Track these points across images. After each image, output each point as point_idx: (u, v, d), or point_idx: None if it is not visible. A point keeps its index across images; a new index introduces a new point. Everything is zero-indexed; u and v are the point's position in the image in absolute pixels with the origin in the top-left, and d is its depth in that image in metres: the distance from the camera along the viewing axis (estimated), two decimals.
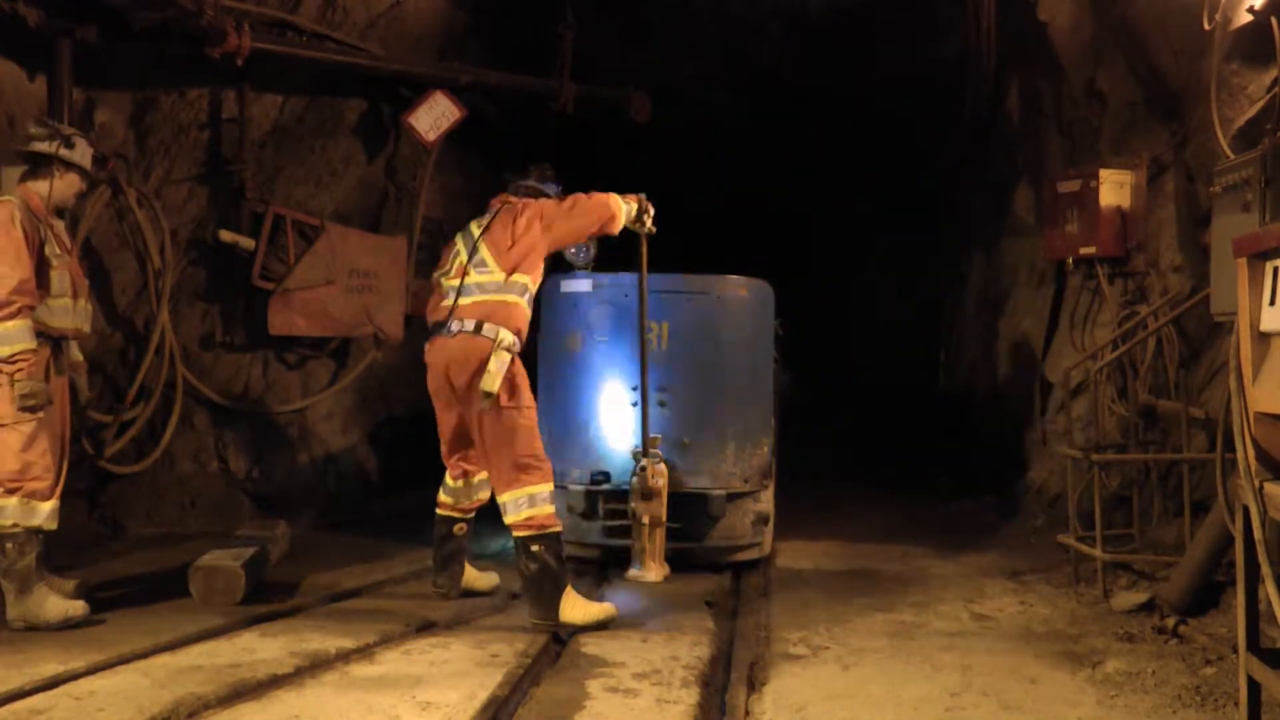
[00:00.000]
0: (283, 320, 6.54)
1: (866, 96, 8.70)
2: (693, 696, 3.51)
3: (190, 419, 6.39)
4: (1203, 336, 5.29)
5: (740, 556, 5.56)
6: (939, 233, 9.62)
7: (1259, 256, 2.81)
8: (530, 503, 4.40)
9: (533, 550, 4.38)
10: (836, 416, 11.26)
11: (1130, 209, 5.85)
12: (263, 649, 3.90)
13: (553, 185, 4.96)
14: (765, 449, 5.62)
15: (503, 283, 4.54)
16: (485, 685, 3.54)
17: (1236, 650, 3.02)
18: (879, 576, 5.43)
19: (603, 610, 4.42)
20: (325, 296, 6.67)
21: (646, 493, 5.17)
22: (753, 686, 3.68)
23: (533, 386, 5.20)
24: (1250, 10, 4.36)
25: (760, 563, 5.65)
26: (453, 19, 7.38)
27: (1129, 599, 4.59)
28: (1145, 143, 5.83)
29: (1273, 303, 2.72)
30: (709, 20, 8.31)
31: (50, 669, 3.59)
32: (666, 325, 5.49)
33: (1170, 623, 4.17)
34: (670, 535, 5.33)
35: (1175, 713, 3.40)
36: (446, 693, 3.49)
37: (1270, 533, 2.74)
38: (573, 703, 3.44)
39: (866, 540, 6.38)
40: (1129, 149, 5.95)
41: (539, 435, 4.55)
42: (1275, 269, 2.73)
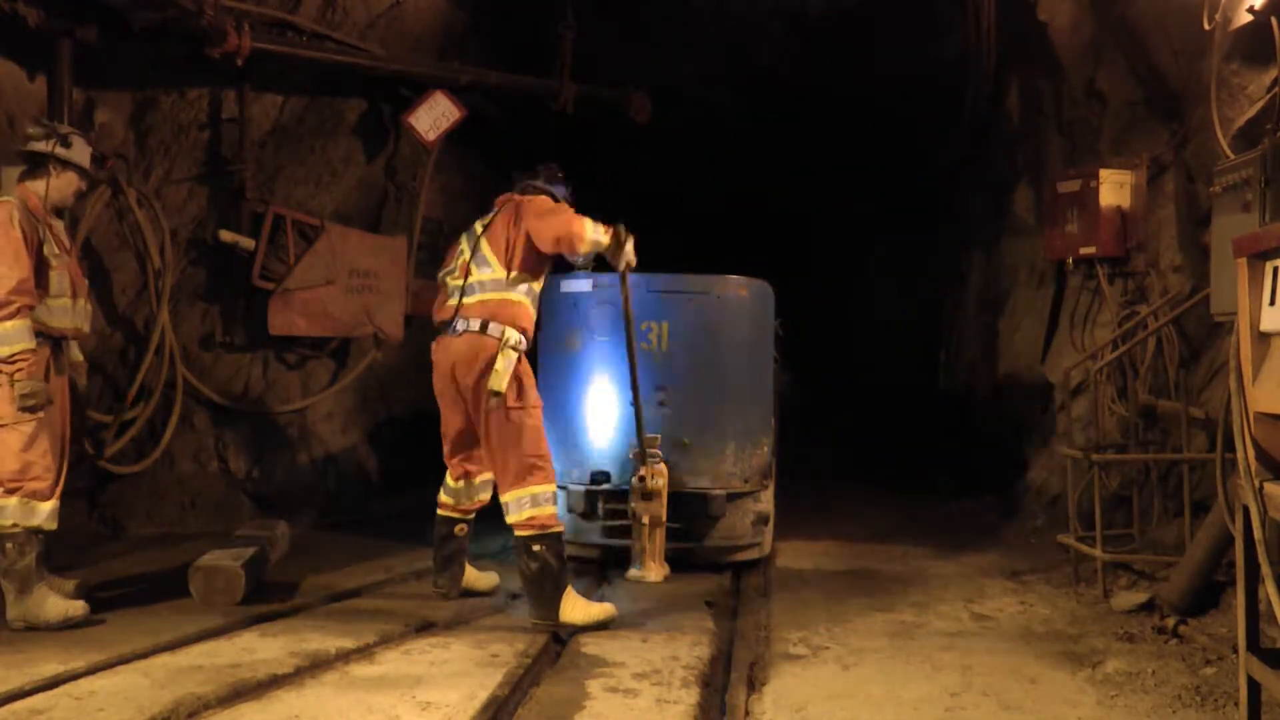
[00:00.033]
0: (283, 320, 6.54)
1: (866, 96, 8.70)
2: (693, 696, 3.51)
3: (190, 419, 6.39)
4: (1203, 336, 5.29)
5: (740, 556, 5.56)
6: (939, 233, 9.62)
7: (1259, 256, 2.81)
8: (533, 503, 4.40)
9: (534, 550, 4.38)
10: (836, 416, 11.27)
11: (1130, 209, 5.86)
12: (263, 649, 3.90)
13: (561, 186, 4.86)
14: (765, 449, 5.62)
15: (505, 281, 4.54)
16: (485, 685, 3.54)
17: (1236, 650, 3.02)
18: (879, 576, 5.43)
19: (603, 610, 4.42)
20: (325, 296, 6.67)
21: (646, 493, 5.18)
22: (753, 686, 3.68)
23: None
24: (1250, 10, 4.36)
25: (760, 563, 5.66)
26: (453, 19, 7.38)
27: (1129, 599, 4.59)
28: (1145, 143, 5.83)
29: (1273, 303, 2.72)
30: (709, 20, 8.31)
31: (50, 669, 3.59)
32: (666, 325, 5.49)
33: (1170, 623, 4.18)
34: (670, 535, 5.33)
35: (1175, 713, 3.40)
36: (446, 693, 3.49)
37: (1270, 533, 2.74)
38: (573, 703, 3.44)
39: (866, 540, 6.39)
40: (1129, 149, 5.94)
41: (545, 435, 4.55)
42: (1275, 269, 2.73)
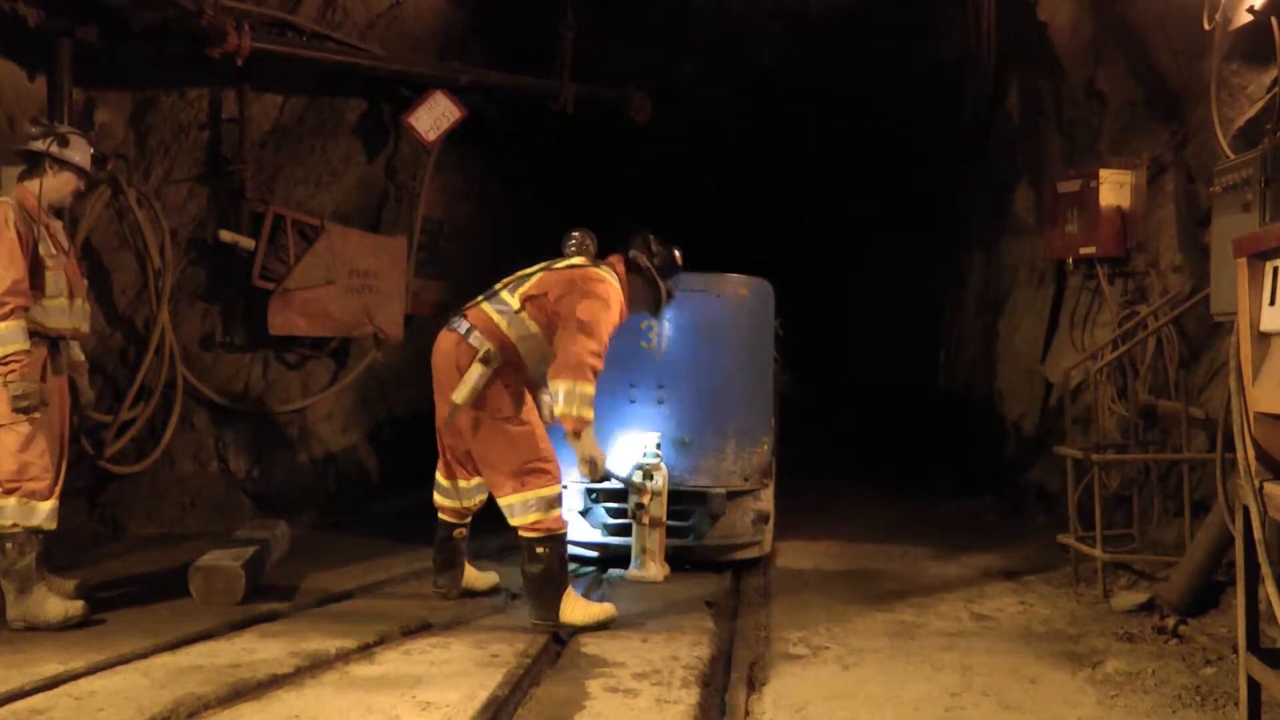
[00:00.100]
0: (283, 320, 6.53)
1: (866, 96, 8.70)
2: (693, 696, 3.51)
3: (190, 419, 6.39)
4: (1203, 336, 5.29)
5: (740, 555, 5.56)
6: (939, 233, 9.62)
7: (1259, 256, 2.81)
8: (540, 506, 4.37)
9: (538, 552, 4.37)
10: (836, 416, 11.27)
11: (1130, 209, 5.86)
12: (263, 649, 3.90)
13: (674, 278, 4.71)
14: (765, 448, 5.62)
15: (514, 312, 4.50)
16: (485, 685, 3.54)
17: (1236, 650, 3.02)
18: (879, 576, 5.43)
19: (603, 610, 4.41)
20: (325, 296, 6.67)
21: (644, 503, 5.17)
22: (753, 686, 3.68)
23: None
24: (1250, 10, 4.37)
25: (760, 562, 5.66)
26: (453, 19, 7.38)
27: (1129, 599, 4.59)
28: (1145, 143, 5.83)
29: (1273, 303, 2.72)
30: (709, 20, 8.31)
31: (50, 669, 3.59)
32: (666, 324, 5.49)
33: (1170, 623, 4.18)
34: (670, 534, 5.34)
35: (1175, 713, 3.40)
36: (446, 693, 3.48)
37: (1270, 533, 2.74)
38: (573, 703, 3.44)
39: (866, 540, 6.39)
40: (1129, 149, 5.95)
41: (544, 437, 4.51)
42: (1275, 269, 2.73)
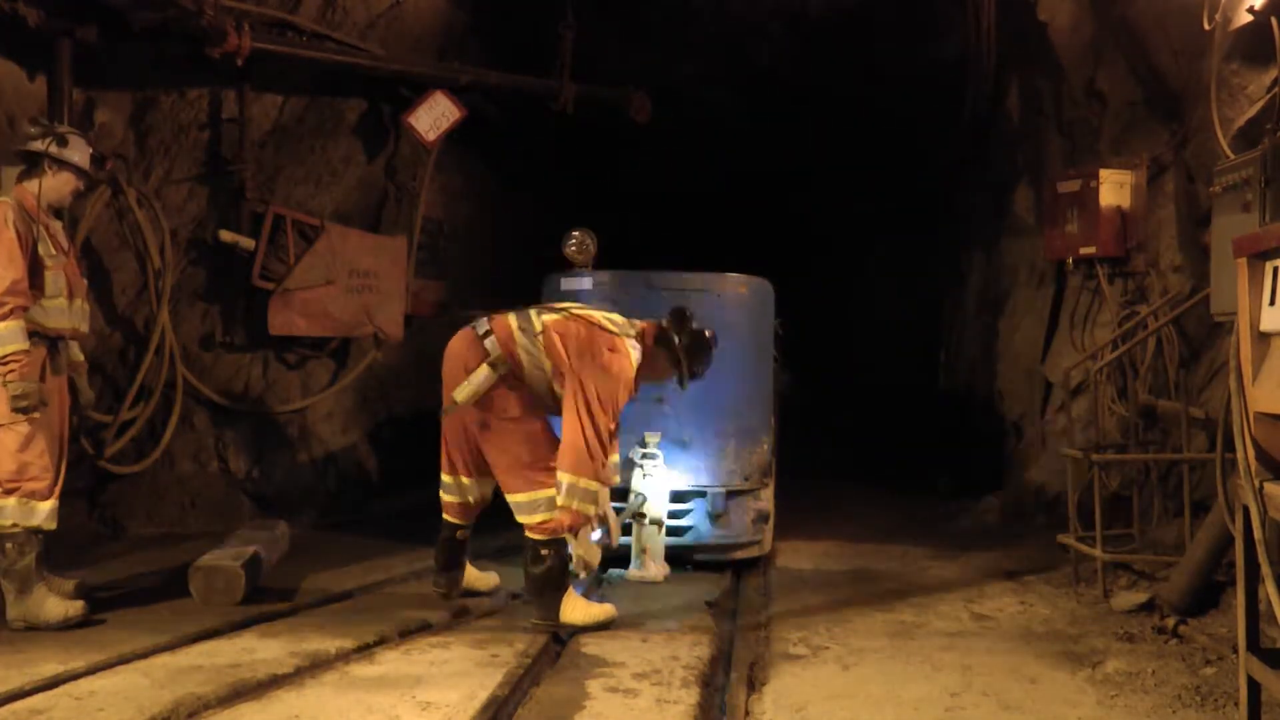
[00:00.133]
0: (283, 320, 6.53)
1: (866, 96, 8.70)
2: (693, 696, 3.51)
3: (190, 419, 6.39)
4: (1203, 336, 5.29)
5: (740, 555, 5.56)
6: (939, 233, 9.62)
7: (1259, 256, 2.81)
8: (547, 506, 4.37)
9: (542, 554, 4.37)
10: (836, 416, 11.27)
11: (1130, 209, 5.86)
12: (263, 649, 3.90)
13: (702, 360, 4.76)
14: (765, 447, 5.62)
15: (532, 339, 4.48)
16: (485, 685, 3.54)
17: (1236, 650, 3.02)
18: (879, 576, 5.43)
19: (603, 611, 4.42)
20: (325, 296, 6.67)
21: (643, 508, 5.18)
22: (753, 686, 3.68)
23: None
24: (1250, 10, 4.37)
25: (760, 562, 5.66)
26: (453, 19, 7.38)
27: (1129, 599, 4.59)
28: (1145, 143, 5.83)
29: (1273, 303, 2.72)
30: (709, 20, 8.31)
31: (50, 669, 3.59)
32: None
33: (1170, 623, 4.18)
34: (670, 534, 5.33)
35: (1175, 713, 3.40)
36: (446, 693, 3.49)
37: (1270, 533, 2.74)
38: (573, 703, 3.44)
39: (866, 540, 6.39)
40: (1129, 149, 5.95)
41: (554, 437, 4.48)
42: (1275, 269, 2.73)
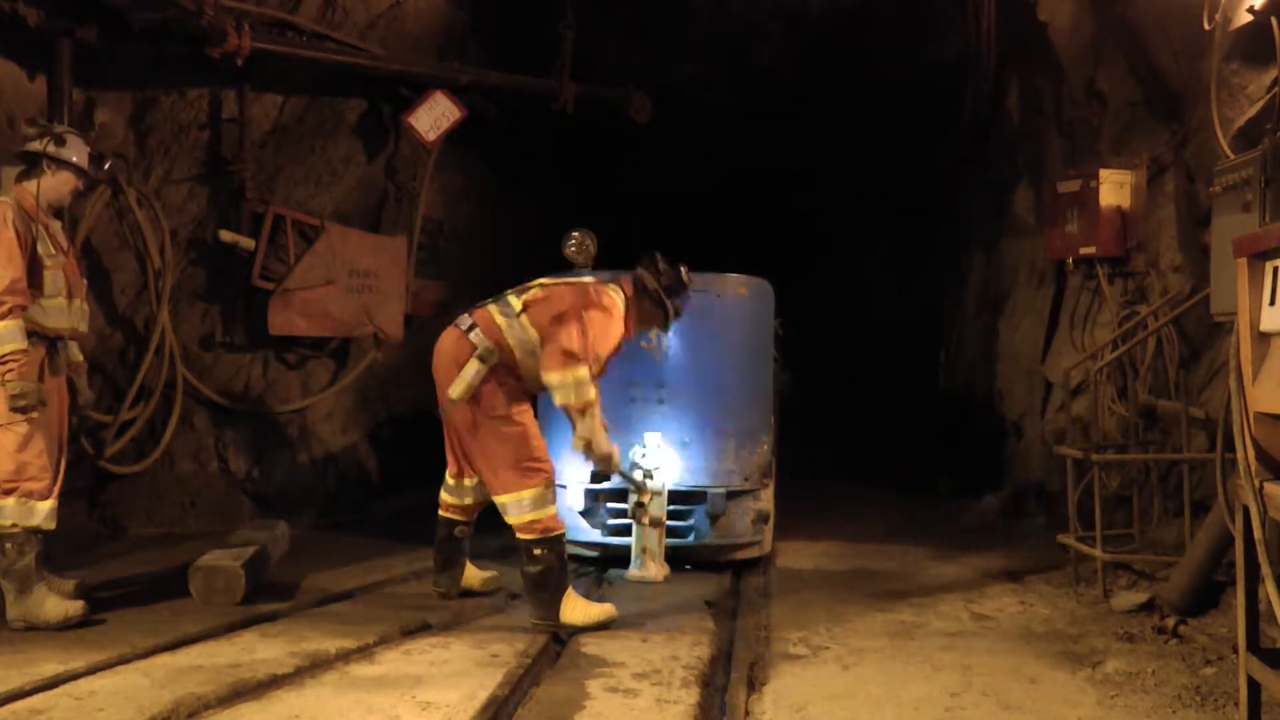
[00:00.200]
0: (283, 320, 6.53)
1: (866, 96, 8.70)
2: (693, 696, 3.51)
3: (190, 419, 6.39)
4: (1203, 336, 5.29)
5: (740, 555, 5.56)
6: (939, 233, 9.62)
7: (1259, 256, 2.81)
8: (534, 505, 4.38)
9: (535, 553, 4.37)
10: (836, 416, 11.27)
11: (1130, 209, 5.85)
12: (263, 649, 3.90)
13: (682, 298, 4.75)
14: (765, 447, 5.62)
15: (515, 315, 4.50)
16: (485, 685, 3.54)
17: (1236, 650, 3.02)
18: (879, 576, 5.43)
19: (603, 611, 4.41)
20: (325, 296, 6.67)
21: (645, 504, 5.17)
22: (753, 686, 3.68)
23: None
24: (1250, 10, 4.36)
25: (760, 562, 5.66)
26: (453, 19, 7.38)
27: (1129, 599, 4.59)
28: (1145, 143, 5.83)
29: (1273, 303, 2.72)
30: (709, 20, 8.31)
31: (50, 669, 3.59)
32: None
33: (1170, 623, 4.17)
34: (670, 534, 5.34)
35: (1175, 713, 3.40)
36: (446, 693, 3.49)
37: (1270, 533, 2.74)
38: (573, 703, 3.44)
39: (866, 540, 6.39)
40: (1129, 149, 5.94)
41: (538, 436, 4.52)
42: (1275, 269, 2.73)
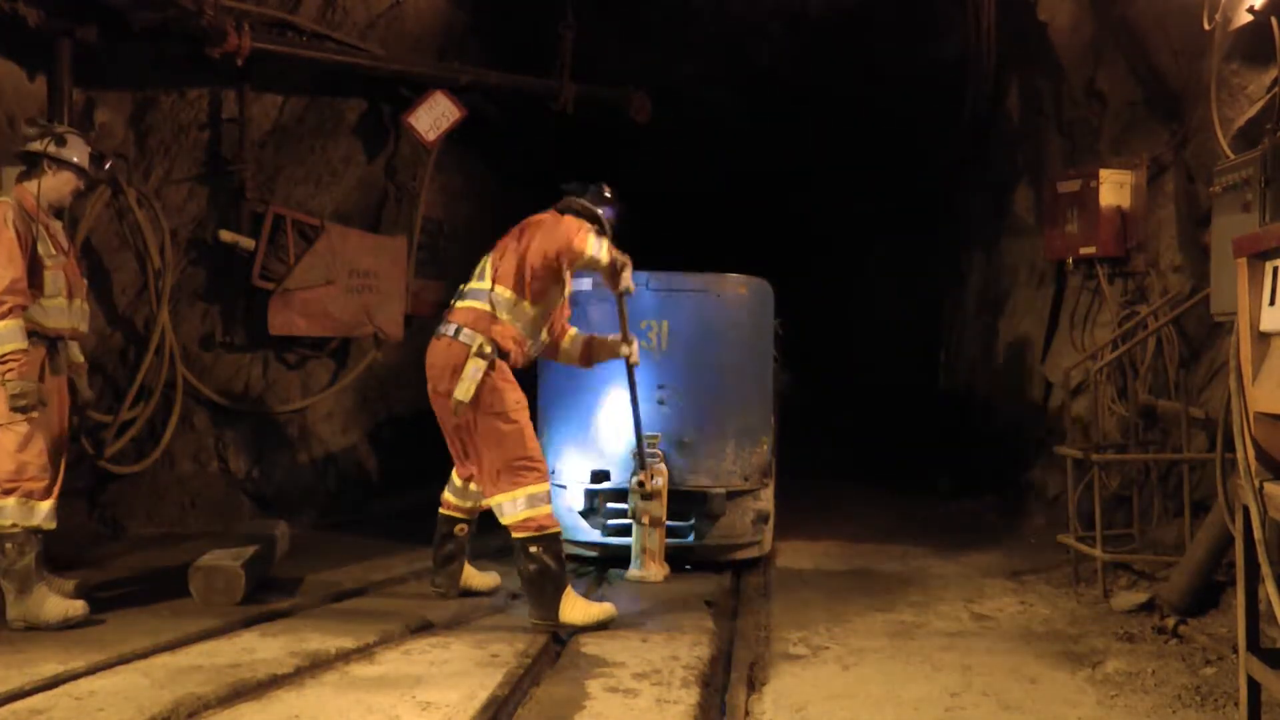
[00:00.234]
0: (283, 320, 6.53)
1: (866, 96, 8.70)
2: (693, 696, 3.51)
3: (190, 419, 6.39)
4: (1203, 336, 5.29)
5: (740, 555, 5.56)
6: (939, 233, 9.62)
7: (1259, 256, 2.81)
8: (528, 503, 4.39)
9: (531, 551, 4.37)
10: (836, 416, 11.27)
11: (1130, 209, 5.85)
12: (263, 649, 3.90)
13: (608, 208, 4.85)
14: (765, 447, 5.62)
15: (489, 293, 4.54)
16: (485, 685, 3.54)
17: (1236, 650, 3.02)
18: (879, 576, 5.43)
19: (603, 610, 4.41)
20: (325, 296, 6.67)
21: (646, 493, 5.18)
22: (753, 686, 3.68)
23: (534, 385, 5.18)
24: (1250, 10, 4.36)
25: (760, 562, 5.66)
26: (453, 19, 7.38)
27: (1129, 599, 4.59)
28: (1145, 143, 5.83)
29: (1273, 303, 2.72)
30: (709, 20, 8.31)
31: (50, 669, 3.59)
32: (666, 324, 5.49)
33: (1170, 623, 4.18)
34: (670, 534, 5.34)
35: (1175, 713, 3.40)
36: (446, 693, 3.49)
37: (1270, 533, 2.74)
38: (573, 703, 3.44)
39: (866, 540, 6.39)
40: (1129, 149, 5.94)
41: (532, 436, 4.52)
42: (1275, 269, 2.73)
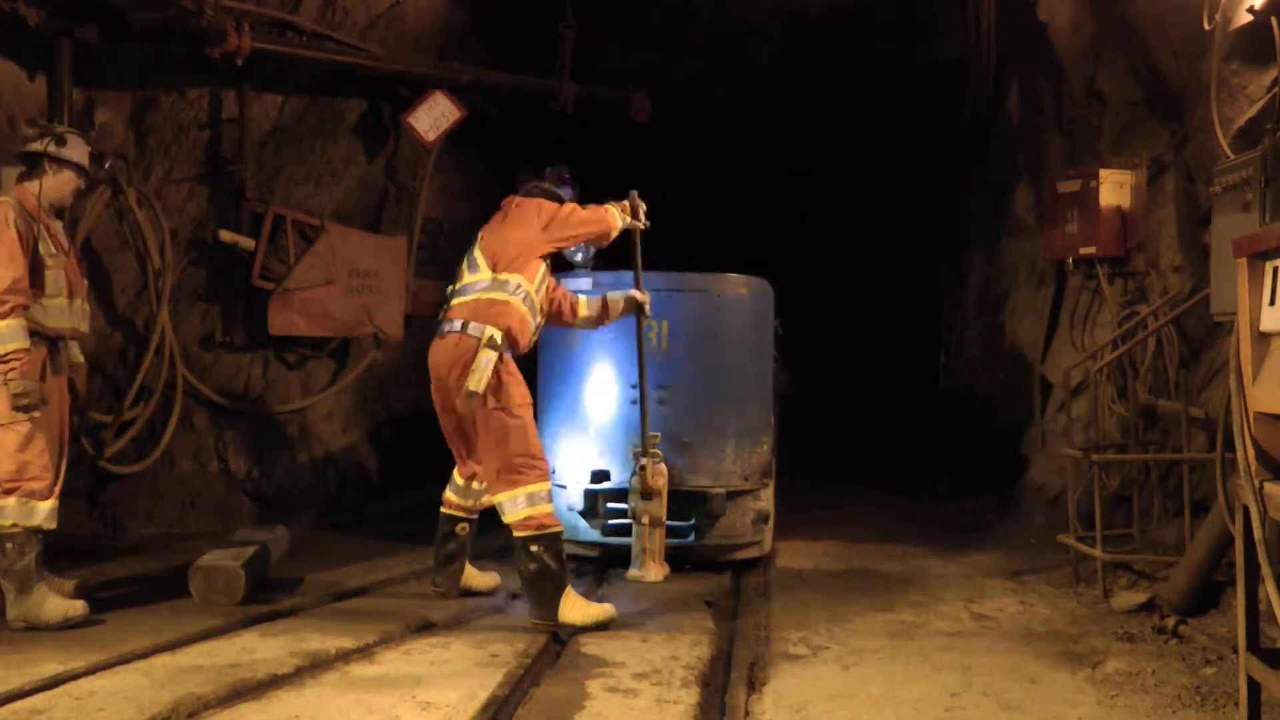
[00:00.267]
0: (283, 320, 6.54)
1: (866, 96, 8.70)
2: (693, 696, 3.51)
3: (190, 419, 6.39)
4: (1203, 336, 5.29)
5: (740, 555, 5.56)
6: (939, 233, 9.62)
7: (1259, 256, 2.81)
8: (529, 502, 4.39)
9: (532, 550, 4.37)
10: (836, 416, 11.26)
11: (1130, 209, 5.85)
12: (263, 649, 3.90)
13: (568, 188, 4.97)
14: (765, 447, 5.62)
15: (490, 281, 4.54)
16: (485, 685, 3.54)
17: (1236, 650, 3.02)
18: (879, 576, 5.43)
19: (603, 610, 4.41)
20: (325, 296, 6.67)
21: (646, 492, 5.18)
22: (753, 686, 3.68)
23: (534, 385, 5.18)
24: (1250, 10, 4.36)
25: (760, 562, 5.66)
26: (453, 19, 7.38)
27: (1129, 599, 4.59)
28: (1145, 143, 5.83)
29: (1273, 303, 2.72)
30: (709, 20, 8.31)
31: (50, 669, 3.59)
32: (666, 324, 5.49)
33: (1170, 623, 4.17)
34: (670, 534, 5.34)
35: (1175, 713, 3.40)
36: (446, 693, 3.49)
37: (1270, 533, 2.74)
38: (573, 703, 3.44)
39: (866, 540, 6.39)
40: (1129, 149, 5.94)
41: (535, 434, 4.53)
42: (1275, 269, 2.73)
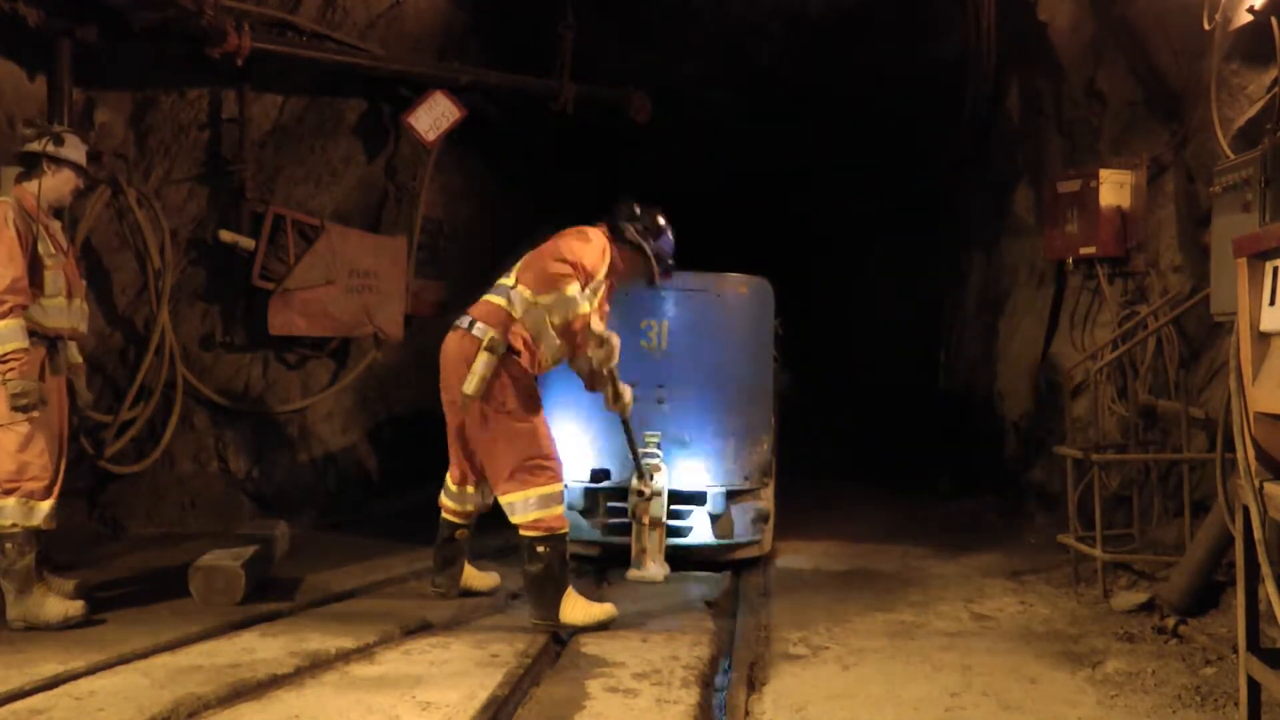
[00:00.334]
0: (283, 320, 6.53)
1: (866, 96, 8.70)
2: (693, 696, 3.51)
3: (190, 419, 6.38)
4: (1203, 336, 5.29)
5: (740, 555, 5.56)
6: (939, 233, 9.62)
7: (1259, 256, 2.81)
8: (540, 504, 4.38)
9: (538, 551, 4.37)
10: (836, 416, 11.27)
11: (1130, 209, 5.85)
12: (263, 649, 3.90)
13: (658, 239, 4.80)
14: (765, 447, 5.62)
15: (511, 288, 4.53)
16: (485, 685, 3.54)
17: (1236, 650, 3.02)
18: (879, 576, 5.43)
19: (603, 610, 4.41)
20: (325, 296, 6.67)
21: (646, 495, 5.17)
22: (753, 686, 3.68)
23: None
24: (1250, 10, 4.36)
25: (760, 562, 5.66)
26: (453, 19, 7.37)
27: (1129, 599, 4.59)
28: (1145, 143, 5.83)
29: (1273, 303, 2.72)
30: (709, 20, 8.31)
31: (50, 669, 3.59)
32: (666, 323, 5.51)
33: (1170, 623, 4.18)
34: (670, 534, 5.34)
35: (1175, 713, 3.40)
36: (446, 693, 3.49)
37: (1270, 533, 2.74)
38: (573, 703, 3.44)
39: (866, 540, 6.39)
40: (1129, 149, 5.94)
41: (546, 435, 4.50)
42: (1275, 269, 2.73)
